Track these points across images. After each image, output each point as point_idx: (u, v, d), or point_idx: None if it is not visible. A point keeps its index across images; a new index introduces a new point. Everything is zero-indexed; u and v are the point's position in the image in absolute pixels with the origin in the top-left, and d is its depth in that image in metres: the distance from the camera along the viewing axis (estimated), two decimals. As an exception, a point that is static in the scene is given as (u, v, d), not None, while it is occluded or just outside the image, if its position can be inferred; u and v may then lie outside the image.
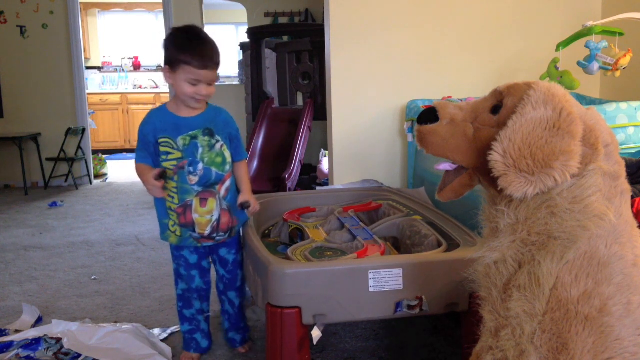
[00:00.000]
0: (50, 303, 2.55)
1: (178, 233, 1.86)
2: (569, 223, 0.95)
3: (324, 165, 4.42)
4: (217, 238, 1.87)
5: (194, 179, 1.81)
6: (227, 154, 1.86)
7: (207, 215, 1.83)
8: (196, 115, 1.83)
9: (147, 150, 1.84)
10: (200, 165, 1.81)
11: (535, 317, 0.97)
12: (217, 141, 1.84)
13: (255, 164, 4.44)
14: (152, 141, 1.83)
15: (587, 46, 2.40)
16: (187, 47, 1.73)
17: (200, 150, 1.81)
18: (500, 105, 1.05)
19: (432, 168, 2.42)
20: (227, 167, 1.87)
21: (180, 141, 1.80)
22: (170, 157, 1.81)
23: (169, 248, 1.96)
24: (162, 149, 1.81)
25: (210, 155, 1.82)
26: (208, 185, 1.83)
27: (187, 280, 1.93)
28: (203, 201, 1.82)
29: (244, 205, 1.91)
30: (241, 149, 1.95)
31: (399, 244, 2.01)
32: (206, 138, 1.82)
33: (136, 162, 1.85)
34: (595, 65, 2.39)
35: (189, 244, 1.87)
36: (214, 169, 1.83)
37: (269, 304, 1.52)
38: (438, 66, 3.02)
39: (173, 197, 1.83)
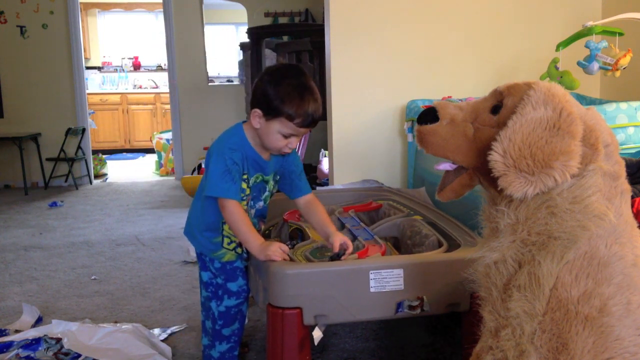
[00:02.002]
0: (50, 303, 2.56)
1: (239, 250, 1.75)
2: (569, 223, 0.95)
3: (324, 165, 4.42)
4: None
5: (252, 212, 1.75)
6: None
7: None
8: (271, 160, 1.70)
9: (239, 183, 1.61)
10: (261, 203, 1.77)
11: (535, 317, 0.97)
12: (276, 182, 1.78)
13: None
14: (241, 171, 1.63)
15: (587, 46, 2.40)
16: (295, 100, 1.53)
17: (266, 193, 1.76)
18: (500, 105, 1.05)
19: (432, 168, 2.42)
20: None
21: (252, 179, 1.69)
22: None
23: (168, 248, 1.94)
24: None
25: (269, 196, 1.78)
26: (259, 216, 1.80)
27: (238, 292, 1.76)
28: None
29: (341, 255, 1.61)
30: (306, 182, 1.80)
31: (399, 244, 2.01)
32: (273, 182, 1.75)
33: (230, 198, 1.59)
34: (595, 65, 2.39)
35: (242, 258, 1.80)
36: (266, 205, 1.80)
37: (269, 304, 1.51)
38: (438, 66, 3.02)
39: None
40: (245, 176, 1.66)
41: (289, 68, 1.67)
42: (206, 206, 1.71)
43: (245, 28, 5.67)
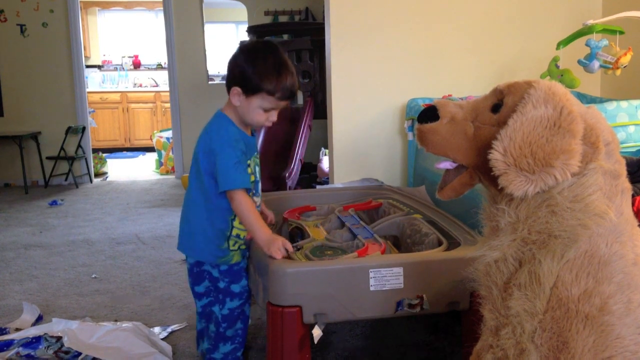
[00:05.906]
0: (50, 301, 2.56)
1: (243, 246, 1.76)
2: (569, 222, 0.95)
3: (324, 163, 4.42)
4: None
5: (258, 200, 1.73)
6: None
7: None
8: (253, 134, 1.73)
9: (247, 172, 1.63)
10: (260, 184, 1.76)
11: (535, 316, 0.97)
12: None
13: (255, 162, 4.43)
14: (247, 159, 1.65)
15: (587, 44, 2.39)
16: (273, 75, 1.58)
17: (258, 169, 1.75)
18: (500, 104, 1.04)
19: (433, 167, 2.42)
20: None
21: (252, 162, 1.69)
22: None
23: (168, 247, 1.93)
24: None
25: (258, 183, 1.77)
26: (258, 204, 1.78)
27: (240, 293, 1.76)
28: None
29: None
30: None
31: (399, 243, 2.01)
32: (258, 155, 1.76)
33: (241, 188, 1.60)
34: (596, 64, 2.38)
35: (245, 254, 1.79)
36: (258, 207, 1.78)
37: (269, 303, 1.51)
38: (438, 64, 3.02)
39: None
40: (249, 162, 1.68)
41: (262, 45, 1.69)
42: (215, 216, 1.69)
43: (245, 26, 5.68)
